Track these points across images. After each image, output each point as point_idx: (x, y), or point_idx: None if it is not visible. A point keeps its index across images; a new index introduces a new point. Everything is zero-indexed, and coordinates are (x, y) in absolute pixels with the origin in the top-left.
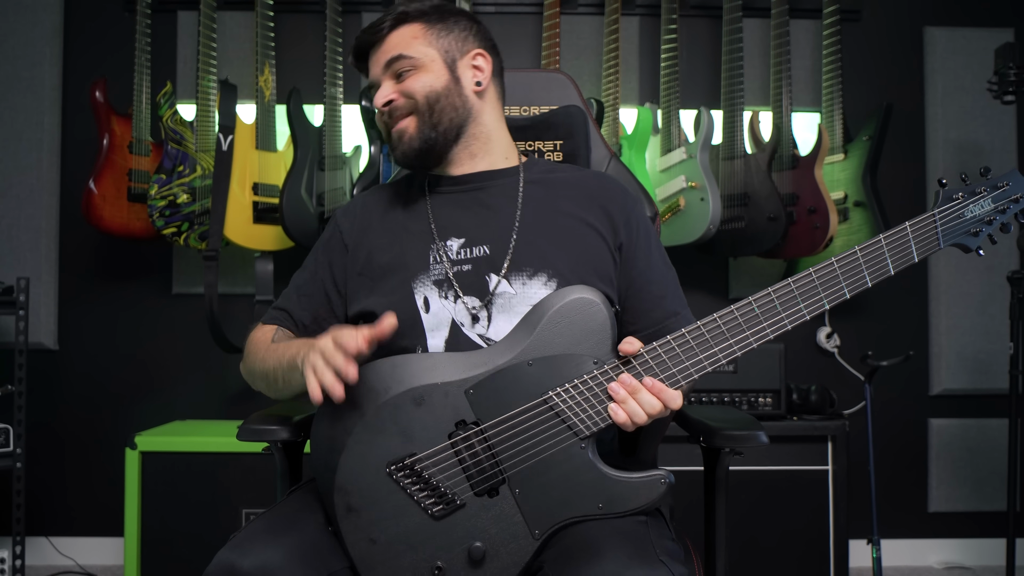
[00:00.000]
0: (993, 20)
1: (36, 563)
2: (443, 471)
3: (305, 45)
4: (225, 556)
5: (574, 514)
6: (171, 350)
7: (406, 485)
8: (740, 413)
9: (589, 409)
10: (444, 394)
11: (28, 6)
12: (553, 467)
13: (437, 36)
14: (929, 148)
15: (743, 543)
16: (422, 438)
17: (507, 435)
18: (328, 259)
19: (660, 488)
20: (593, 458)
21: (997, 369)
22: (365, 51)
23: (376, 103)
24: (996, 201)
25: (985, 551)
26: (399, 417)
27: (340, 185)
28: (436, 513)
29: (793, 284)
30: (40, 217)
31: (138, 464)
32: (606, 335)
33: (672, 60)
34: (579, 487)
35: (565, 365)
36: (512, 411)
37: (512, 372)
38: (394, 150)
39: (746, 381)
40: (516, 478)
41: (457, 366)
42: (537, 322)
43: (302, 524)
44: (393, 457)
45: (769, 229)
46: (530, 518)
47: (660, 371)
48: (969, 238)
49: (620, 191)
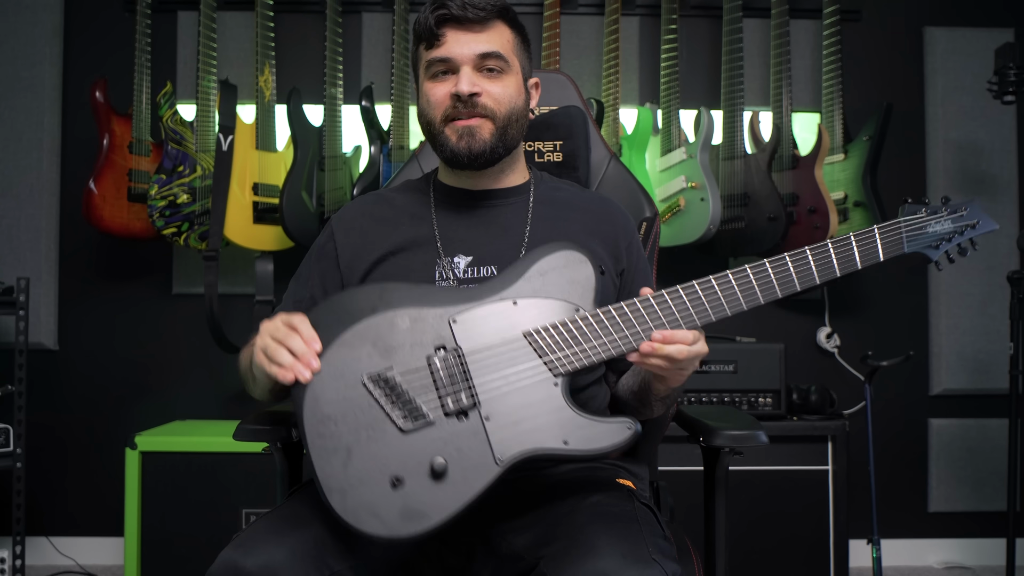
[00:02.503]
0: (993, 20)
1: (36, 563)
2: (417, 389)
3: (305, 45)
4: (229, 555)
5: (538, 446)
6: (171, 350)
7: (378, 396)
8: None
9: (566, 349)
10: (428, 320)
11: (28, 6)
12: (524, 399)
13: (522, 50)
14: (929, 148)
15: (743, 543)
16: (401, 356)
17: (484, 364)
18: (320, 270)
19: (625, 434)
20: (564, 397)
21: (997, 369)
22: (446, 21)
23: (461, 88)
24: (955, 223)
25: (985, 551)
26: (381, 335)
27: (340, 185)
28: (404, 427)
29: (769, 264)
30: (40, 217)
31: (138, 464)
32: (589, 287)
33: (672, 60)
34: (547, 421)
35: (548, 308)
36: (492, 342)
37: (497, 308)
38: (457, 140)
39: (746, 381)
40: (487, 404)
41: (445, 297)
42: (526, 269)
43: (305, 523)
44: (371, 370)
45: (769, 229)
46: (496, 444)
47: (664, 315)
48: (931, 250)
49: (622, 216)
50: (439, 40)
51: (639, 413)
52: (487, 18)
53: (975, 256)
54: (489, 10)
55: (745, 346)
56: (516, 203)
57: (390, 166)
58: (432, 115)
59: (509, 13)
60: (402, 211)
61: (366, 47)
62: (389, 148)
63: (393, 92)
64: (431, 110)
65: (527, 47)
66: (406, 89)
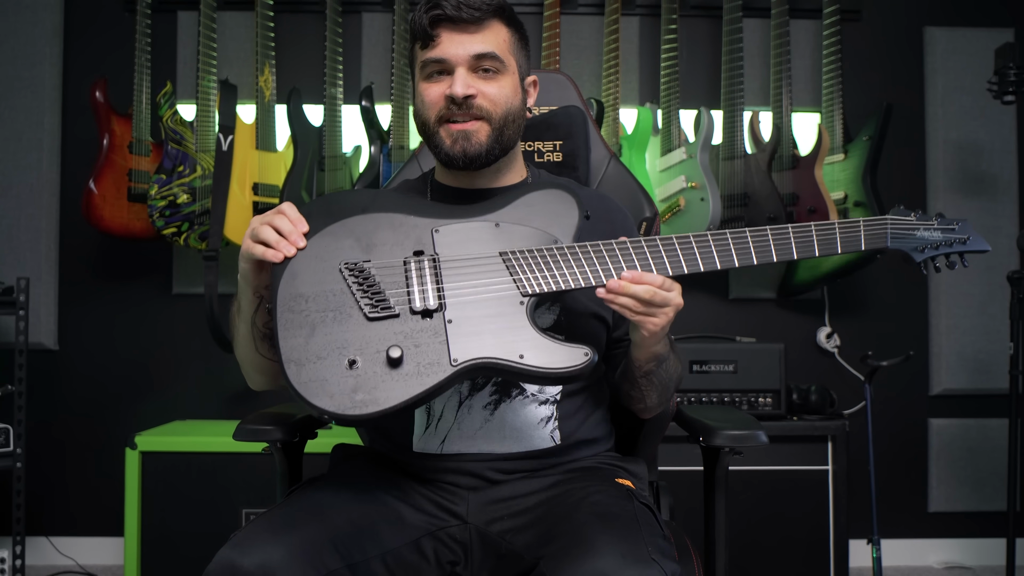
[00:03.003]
0: (993, 20)
1: (36, 563)
2: (389, 283)
3: (305, 45)
4: (226, 555)
5: (494, 355)
6: (171, 350)
7: (351, 283)
8: (740, 413)
9: (539, 273)
10: (413, 226)
11: (28, 6)
12: (489, 310)
13: (519, 49)
14: (929, 148)
15: (743, 543)
16: (380, 252)
17: (457, 271)
18: None
19: (581, 359)
20: (528, 315)
21: (997, 369)
22: (441, 21)
23: (455, 91)
24: (945, 235)
25: (985, 551)
26: (367, 231)
27: (340, 185)
28: (370, 314)
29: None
30: (40, 217)
31: (138, 464)
32: (572, 225)
33: (672, 60)
34: (508, 335)
35: (528, 236)
36: (469, 255)
37: (479, 226)
38: (452, 144)
39: (746, 381)
40: (453, 308)
41: (434, 211)
42: (515, 198)
43: (303, 523)
44: (349, 259)
45: None
46: (454, 346)
47: (637, 258)
48: (915, 252)
49: (619, 213)
50: (433, 40)
51: (632, 399)
52: (482, 18)
53: (975, 256)
54: (485, 10)
55: (745, 346)
56: None
57: (390, 166)
58: (427, 115)
59: (506, 11)
60: (399, 210)
61: (366, 47)
62: (389, 148)
63: (393, 92)
64: (426, 110)
65: (525, 45)
66: (406, 89)
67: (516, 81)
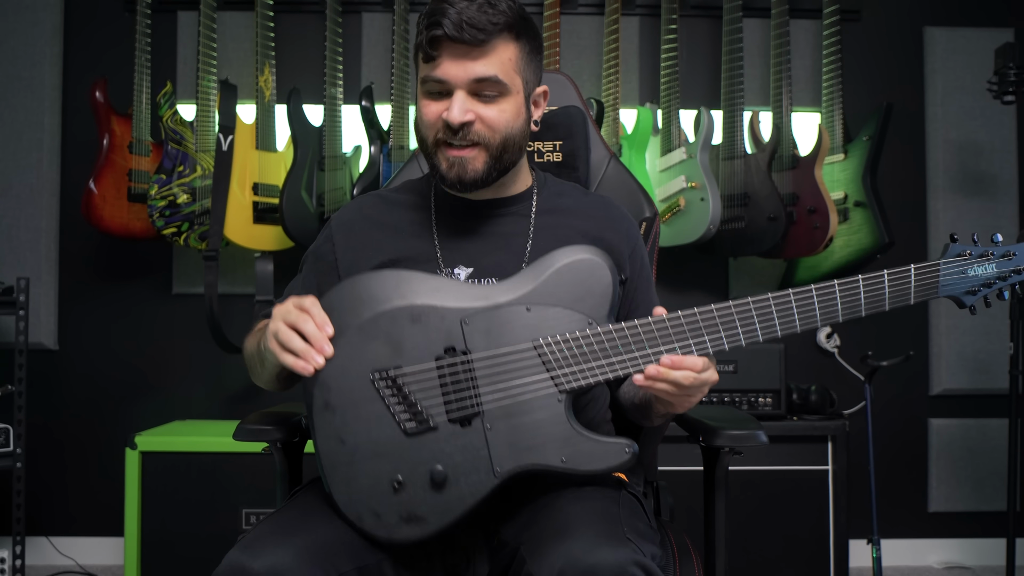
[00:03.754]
0: (993, 20)
1: (36, 563)
2: (423, 390)
3: (305, 45)
4: (235, 557)
5: (537, 461)
6: (171, 350)
7: (385, 395)
8: (740, 413)
9: (575, 365)
10: (440, 318)
11: (28, 6)
12: (528, 412)
13: (527, 64)
14: (929, 148)
15: (743, 543)
16: (411, 354)
17: (491, 371)
18: (317, 270)
19: (623, 455)
20: (567, 413)
21: (997, 369)
22: (441, 40)
23: (452, 118)
24: (1000, 268)
25: (985, 551)
26: (393, 329)
27: (340, 185)
28: (408, 429)
29: (793, 295)
30: (40, 217)
31: (138, 464)
32: (606, 299)
33: (672, 60)
34: (548, 437)
35: (562, 318)
36: (501, 349)
37: (509, 312)
38: (448, 168)
39: (746, 381)
40: (491, 414)
41: (459, 294)
42: (544, 272)
43: (311, 524)
44: (379, 365)
45: (769, 229)
46: (495, 455)
47: (676, 338)
48: (966, 296)
49: (626, 221)
50: (434, 59)
51: (637, 421)
52: (487, 39)
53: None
54: (490, 30)
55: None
56: (517, 212)
57: (390, 166)
58: (426, 134)
59: (516, 25)
60: (402, 218)
61: (366, 47)
62: (389, 148)
63: (393, 92)
64: (425, 129)
65: (537, 54)
66: (406, 89)
67: (520, 101)
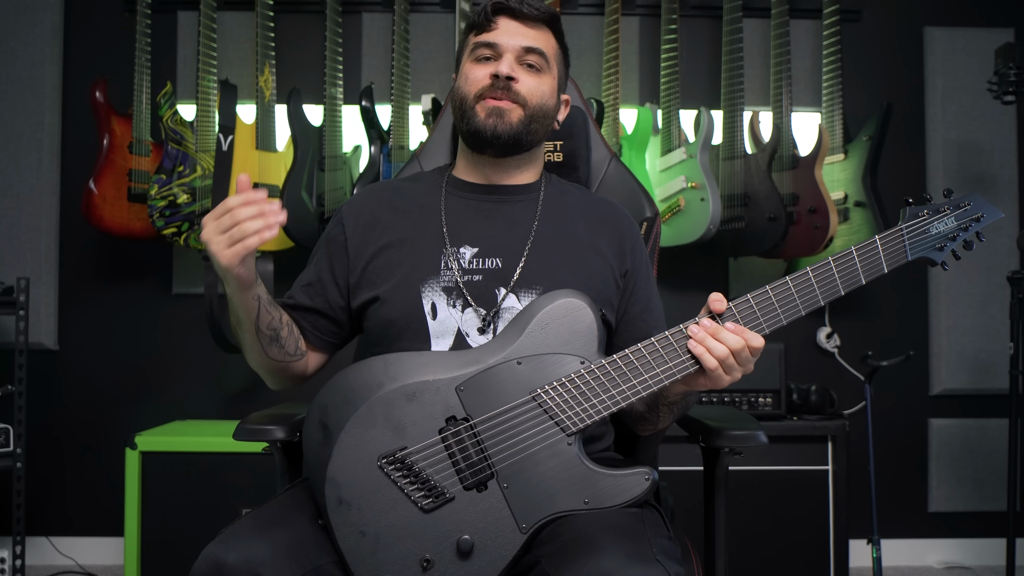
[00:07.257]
0: (993, 20)
1: (36, 563)
2: (433, 465)
3: (305, 45)
4: (211, 550)
5: (560, 509)
6: (171, 350)
7: (397, 479)
8: (740, 413)
9: (576, 406)
10: (435, 390)
11: (28, 6)
12: (540, 462)
13: (561, 61)
14: (929, 148)
15: (743, 543)
16: (413, 433)
17: (496, 431)
18: (329, 253)
19: (643, 485)
20: (579, 454)
21: (997, 369)
22: (502, 11)
23: (500, 69)
24: (959, 219)
25: (985, 551)
26: (391, 412)
27: (340, 185)
28: (426, 506)
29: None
30: (40, 217)
31: (138, 464)
32: (592, 336)
33: (672, 60)
34: (565, 482)
35: (553, 364)
36: (501, 407)
37: (502, 370)
38: (485, 117)
39: (746, 381)
40: (504, 473)
41: (448, 364)
42: (526, 323)
43: (289, 520)
44: (384, 451)
45: (769, 229)
46: (517, 512)
47: (669, 357)
48: (934, 252)
49: (628, 220)
50: (490, 26)
51: (645, 420)
52: (539, 19)
53: (975, 256)
54: (543, 11)
55: None
56: (526, 200)
57: (390, 166)
58: (467, 91)
59: (558, 24)
60: (412, 200)
61: (366, 47)
62: (389, 148)
63: (393, 92)
64: (467, 86)
65: (566, 60)
66: (406, 89)
67: (555, 85)
